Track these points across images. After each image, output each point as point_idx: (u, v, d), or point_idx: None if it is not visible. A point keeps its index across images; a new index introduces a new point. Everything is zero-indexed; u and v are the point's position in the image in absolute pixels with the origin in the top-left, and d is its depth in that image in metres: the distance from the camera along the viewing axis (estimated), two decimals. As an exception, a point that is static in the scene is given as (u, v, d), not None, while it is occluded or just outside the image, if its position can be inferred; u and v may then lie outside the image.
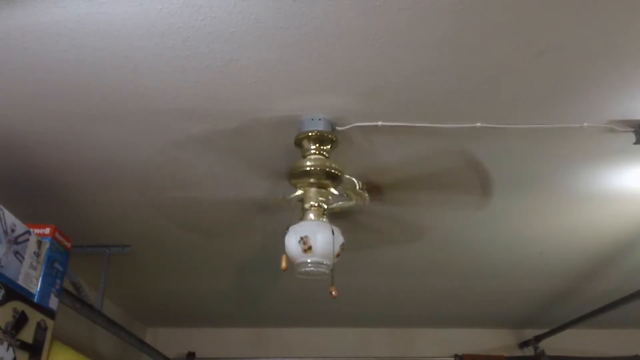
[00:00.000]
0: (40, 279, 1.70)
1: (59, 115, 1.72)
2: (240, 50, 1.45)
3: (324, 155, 1.76)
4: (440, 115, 1.73)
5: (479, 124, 1.74)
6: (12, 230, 1.57)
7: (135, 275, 3.13)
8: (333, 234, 1.70)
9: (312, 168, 1.73)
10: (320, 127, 1.73)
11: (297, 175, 1.76)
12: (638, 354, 3.80)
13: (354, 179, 1.88)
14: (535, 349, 3.91)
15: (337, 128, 1.75)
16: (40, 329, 1.68)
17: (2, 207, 1.54)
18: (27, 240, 1.64)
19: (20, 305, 1.58)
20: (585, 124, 1.75)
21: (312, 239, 1.68)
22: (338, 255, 1.72)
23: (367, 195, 1.92)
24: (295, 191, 1.81)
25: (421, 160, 1.99)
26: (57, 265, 1.79)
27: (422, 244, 2.67)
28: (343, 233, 1.76)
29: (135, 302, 3.60)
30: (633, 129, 1.75)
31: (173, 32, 1.39)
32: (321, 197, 1.79)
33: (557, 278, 3.14)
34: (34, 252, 1.67)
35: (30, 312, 1.62)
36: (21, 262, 1.60)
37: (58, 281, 1.79)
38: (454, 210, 2.35)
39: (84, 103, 1.66)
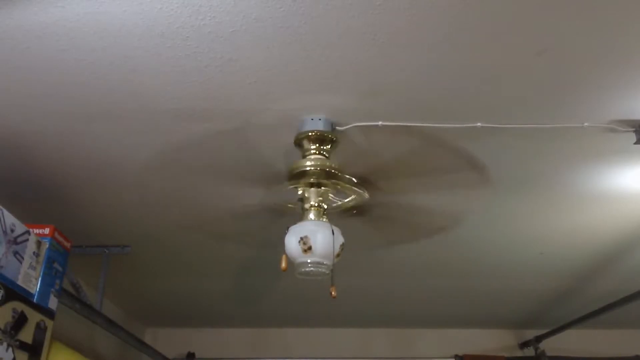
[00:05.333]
0: (40, 279, 1.69)
1: (59, 115, 1.72)
2: (240, 50, 1.45)
3: (324, 155, 1.76)
4: (440, 115, 1.72)
5: (479, 124, 1.74)
6: (12, 231, 1.57)
7: (135, 275, 3.13)
8: (333, 234, 1.70)
9: (312, 168, 1.73)
10: (320, 127, 1.72)
11: (297, 175, 1.76)
12: (638, 354, 3.80)
13: (347, 176, 1.87)
14: (536, 349, 3.91)
15: (337, 128, 1.75)
16: (40, 329, 1.67)
17: (1, 207, 1.54)
18: (27, 240, 1.64)
19: (19, 306, 1.58)
20: (586, 124, 1.75)
21: (312, 239, 1.68)
22: (338, 255, 1.71)
23: (364, 191, 1.91)
24: (296, 193, 1.80)
25: (421, 160, 1.99)
26: (56, 265, 1.79)
27: (422, 244, 2.67)
28: (343, 233, 1.76)
29: (135, 302, 3.59)
30: (634, 129, 1.75)
31: (173, 32, 1.39)
32: (321, 197, 1.79)
33: (557, 278, 3.14)
34: (34, 252, 1.67)
35: (29, 312, 1.62)
36: (20, 262, 1.60)
37: (57, 281, 1.79)
38: (454, 211, 2.35)
39: (84, 103, 1.66)
